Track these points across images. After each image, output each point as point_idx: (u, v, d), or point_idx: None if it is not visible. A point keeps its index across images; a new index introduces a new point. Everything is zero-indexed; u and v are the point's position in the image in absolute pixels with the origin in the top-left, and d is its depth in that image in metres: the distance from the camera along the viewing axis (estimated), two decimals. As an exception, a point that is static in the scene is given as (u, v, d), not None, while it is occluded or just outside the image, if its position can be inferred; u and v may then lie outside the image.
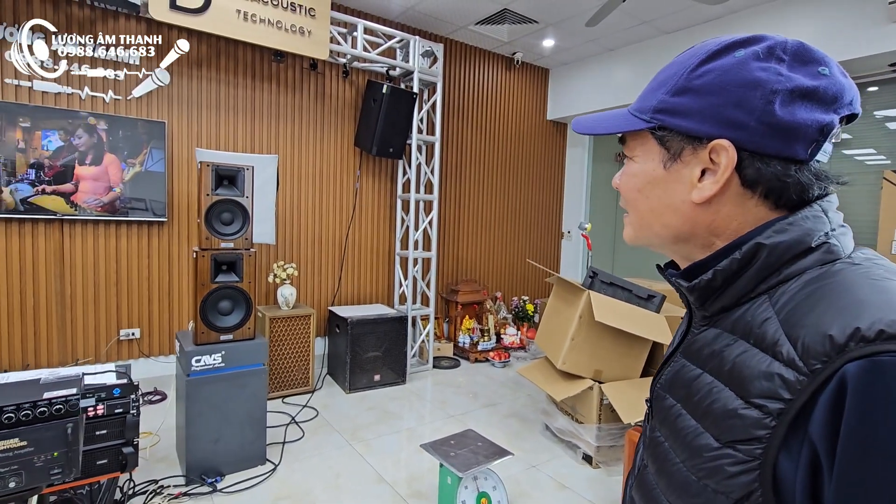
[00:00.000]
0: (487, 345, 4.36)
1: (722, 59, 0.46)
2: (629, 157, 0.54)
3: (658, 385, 0.56)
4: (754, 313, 0.45)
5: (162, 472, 2.30)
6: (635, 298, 2.61)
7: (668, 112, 0.49)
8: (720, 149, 0.46)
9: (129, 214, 3.14)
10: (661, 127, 0.49)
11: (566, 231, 5.64)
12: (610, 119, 0.55)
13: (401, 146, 3.85)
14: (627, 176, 0.55)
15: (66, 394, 0.97)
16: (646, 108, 0.51)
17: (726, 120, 0.45)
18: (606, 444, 2.50)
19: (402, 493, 2.25)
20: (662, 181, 0.51)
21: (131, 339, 3.27)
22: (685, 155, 0.48)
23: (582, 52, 4.75)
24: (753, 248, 0.45)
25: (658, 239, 0.54)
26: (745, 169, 0.46)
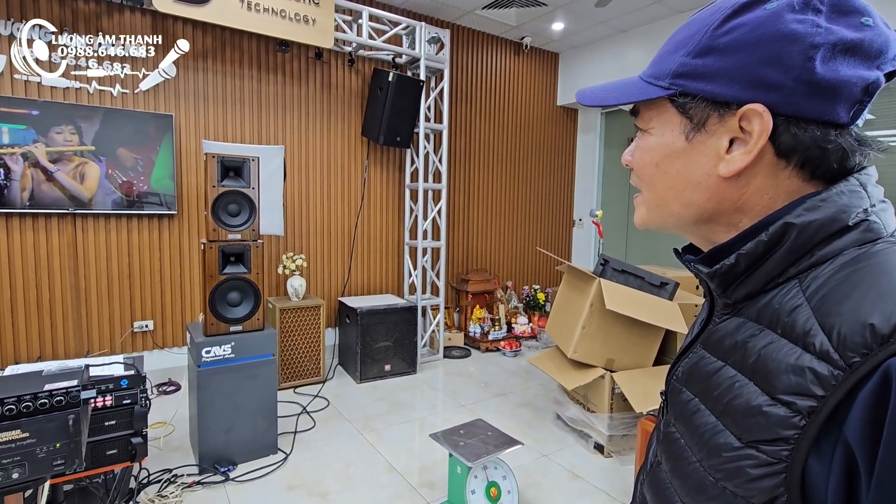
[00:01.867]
0: (498, 334, 4.34)
1: (752, 13, 0.41)
2: (643, 130, 0.49)
3: (674, 377, 0.52)
4: (782, 300, 0.40)
5: (176, 462, 2.33)
6: (648, 286, 2.56)
7: (689, 76, 0.43)
8: (753, 114, 0.40)
9: (144, 208, 3.16)
10: (682, 93, 0.44)
11: (577, 219, 5.56)
12: (620, 88, 0.50)
13: (408, 135, 3.81)
14: (642, 151, 0.49)
15: (67, 385, 0.97)
16: (662, 72, 0.46)
17: (759, 81, 0.40)
18: (618, 433, 2.46)
19: (413, 483, 2.25)
20: (684, 154, 0.45)
21: (145, 330, 3.31)
22: (710, 124, 0.43)
23: (592, 34, 4.63)
24: (782, 228, 0.41)
25: (676, 220, 0.49)
26: (780, 136, 0.40)
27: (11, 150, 2.79)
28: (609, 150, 5.31)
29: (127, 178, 3.10)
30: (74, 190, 2.96)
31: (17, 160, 2.81)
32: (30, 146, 2.83)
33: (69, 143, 2.92)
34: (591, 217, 3.47)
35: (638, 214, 0.53)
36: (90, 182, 3.00)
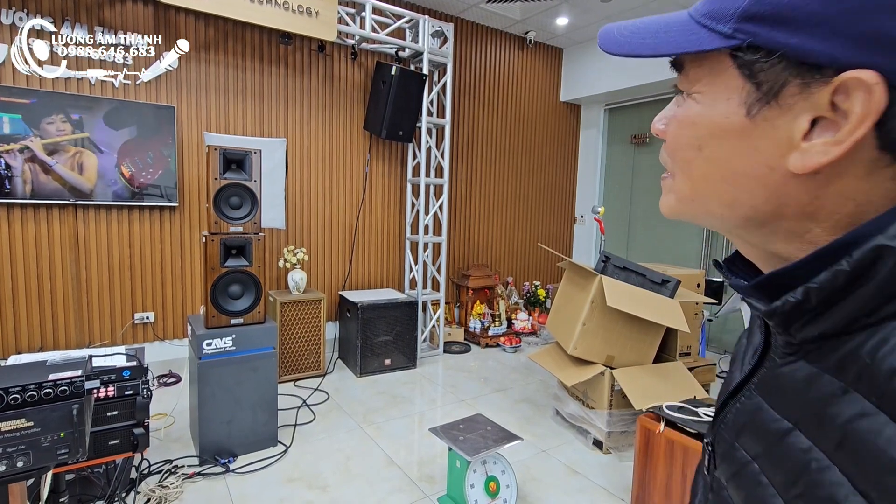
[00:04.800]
0: (498, 330, 4.35)
1: None
2: (686, 94, 0.36)
3: (722, 426, 0.41)
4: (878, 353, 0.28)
5: (177, 453, 2.34)
6: (649, 283, 2.56)
7: (767, 20, 0.30)
8: (857, 86, 0.28)
9: (145, 200, 3.16)
10: (753, 46, 0.31)
11: (579, 215, 5.55)
12: (659, 31, 0.36)
13: (410, 129, 3.80)
14: (680, 124, 0.37)
15: (71, 375, 0.97)
16: (725, 11, 0.32)
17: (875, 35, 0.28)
18: (617, 429, 2.47)
19: (412, 477, 2.26)
20: (740, 135, 0.33)
21: (146, 322, 3.32)
22: (787, 95, 0.31)
23: (597, 29, 4.58)
24: (872, 253, 0.29)
25: (716, 221, 0.38)
26: (891, 119, 0.28)
27: (8, 146, 2.77)
28: (611, 147, 5.30)
29: (130, 169, 3.09)
30: (74, 181, 2.96)
31: (15, 156, 2.80)
32: (26, 140, 2.81)
33: (62, 133, 2.90)
34: (592, 214, 3.47)
35: (665, 202, 0.41)
36: (89, 173, 2.99)
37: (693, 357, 2.84)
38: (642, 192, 4.98)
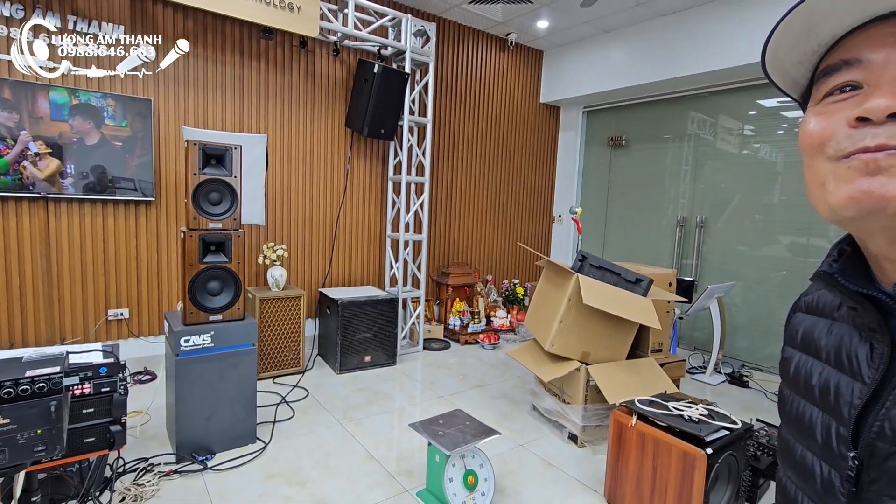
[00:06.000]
0: (477, 327, 4.40)
1: None
2: None
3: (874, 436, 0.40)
4: None
5: (152, 451, 2.31)
6: (623, 282, 2.64)
7: None
8: None
9: (117, 194, 3.10)
10: None
11: (557, 215, 5.65)
12: None
13: (392, 127, 3.81)
14: None
15: (49, 372, 0.97)
16: None
17: None
18: (592, 423, 2.55)
19: (392, 471, 2.29)
20: None
21: (120, 319, 3.25)
22: None
23: (577, 33, 4.69)
24: None
25: None
26: None
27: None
28: (590, 148, 5.40)
29: (99, 162, 3.03)
30: (37, 174, 2.88)
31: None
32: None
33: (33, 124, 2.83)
34: (570, 214, 3.54)
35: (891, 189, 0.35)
36: (55, 165, 2.92)
37: (664, 353, 2.94)
38: (619, 192, 5.10)
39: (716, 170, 4.31)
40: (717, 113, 4.27)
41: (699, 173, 4.42)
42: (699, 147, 4.41)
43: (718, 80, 4.05)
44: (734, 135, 4.19)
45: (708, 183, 4.36)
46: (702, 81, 4.13)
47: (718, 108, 4.25)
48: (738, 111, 4.14)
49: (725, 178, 4.24)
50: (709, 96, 4.28)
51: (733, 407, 3.09)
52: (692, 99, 4.40)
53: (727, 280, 3.93)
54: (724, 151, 4.25)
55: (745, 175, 4.10)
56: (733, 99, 4.13)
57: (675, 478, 1.83)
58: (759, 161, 4.02)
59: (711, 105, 4.29)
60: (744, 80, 3.93)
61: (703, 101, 4.34)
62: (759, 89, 3.93)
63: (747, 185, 4.08)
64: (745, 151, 4.12)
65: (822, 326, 0.49)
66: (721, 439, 1.81)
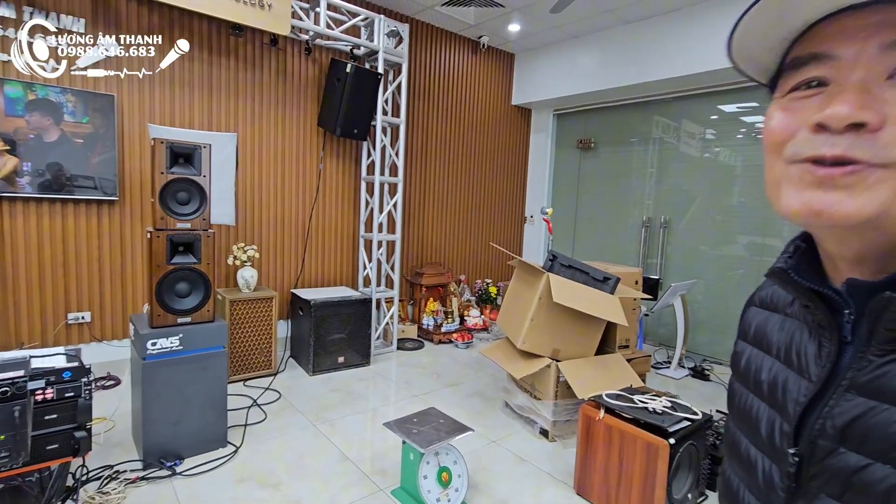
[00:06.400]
0: (451, 327, 4.43)
1: None
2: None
3: (816, 433, 0.39)
4: None
5: (117, 458, 2.25)
6: (592, 280, 2.72)
7: None
8: None
9: (75, 192, 2.98)
10: None
11: (529, 216, 5.75)
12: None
13: (365, 127, 3.80)
14: None
15: (13, 376, 0.94)
16: None
17: None
18: (562, 418, 2.62)
19: (366, 471, 2.30)
20: None
21: (81, 322, 3.13)
22: None
23: (547, 37, 4.79)
24: None
25: None
26: None
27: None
28: (560, 150, 5.52)
29: (60, 159, 2.91)
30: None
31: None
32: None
33: None
34: (541, 214, 3.62)
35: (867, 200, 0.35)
36: (12, 164, 2.79)
37: (631, 349, 3.05)
38: (587, 194, 5.23)
39: (679, 172, 4.48)
40: (680, 117, 4.44)
41: (663, 175, 4.58)
42: (663, 150, 4.57)
43: (681, 86, 4.21)
44: (696, 139, 4.36)
45: (671, 185, 4.52)
46: (665, 87, 4.29)
47: (681, 112, 4.42)
48: (700, 116, 4.32)
49: (688, 181, 4.42)
50: (672, 101, 4.44)
51: (695, 399, 3.23)
52: (657, 104, 4.55)
53: (690, 278, 4.09)
54: (687, 155, 4.42)
55: (706, 177, 4.28)
56: (696, 104, 4.31)
57: (639, 467, 1.91)
58: (720, 164, 4.20)
59: (675, 110, 4.46)
60: (706, 86, 4.10)
61: (667, 105, 4.50)
62: (720, 95, 4.11)
63: (708, 187, 4.26)
64: (707, 155, 4.30)
65: (774, 322, 0.50)
66: (683, 429, 1.90)
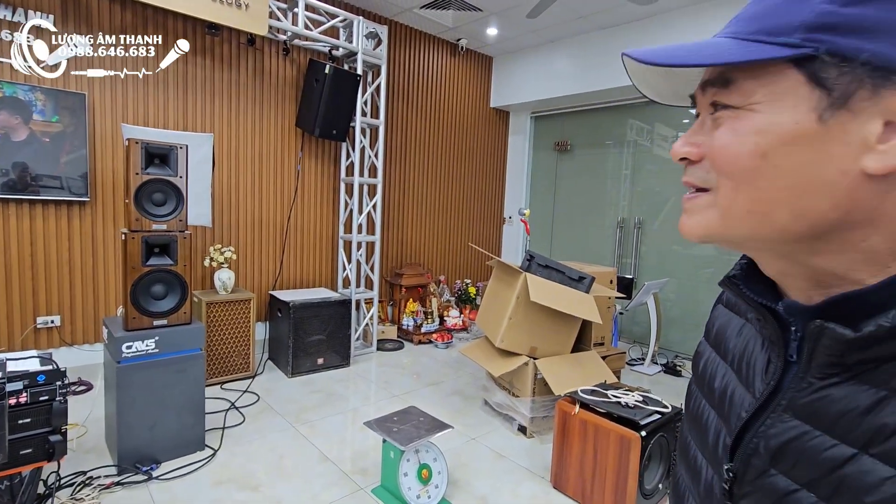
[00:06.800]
0: (431, 327, 4.46)
1: None
2: (735, 108, 0.36)
3: (751, 452, 0.39)
4: None
5: (91, 463, 2.21)
6: (568, 280, 2.79)
7: (837, 29, 0.31)
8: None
9: (41, 193, 2.90)
10: (831, 52, 0.32)
11: (508, 216, 5.82)
12: (705, 48, 0.36)
13: (344, 128, 3.80)
14: (740, 135, 0.36)
15: (-9, 377, 0.93)
16: (785, 26, 0.33)
17: None
18: (540, 415, 2.68)
19: (347, 470, 2.31)
20: (812, 141, 0.33)
21: (50, 326, 3.05)
22: (858, 99, 0.31)
23: (524, 41, 4.87)
24: None
25: (773, 234, 0.36)
26: None
27: None
28: (537, 152, 5.62)
29: (28, 159, 2.83)
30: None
31: None
32: None
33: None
34: (519, 215, 3.69)
35: (697, 222, 0.39)
36: (-15, 163, 2.71)
37: (606, 347, 3.13)
38: (564, 195, 5.33)
39: (652, 174, 4.62)
40: (653, 121, 4.58)
41: (637, 177, 4.71)
42: (637, 153, 4.70)
43: (653, 91, 4.34)
44: (669, 141, 4.51)
45: (645, 186, 4.66)
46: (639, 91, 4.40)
47: (654, 116, 4.56)
48: (672, 119, 4.46)
49: (661, 182, 4.56)
50: (646, 105, 4.58)
51: (667, 394, 3.32)
52: (631, 107, 4.68)
53: (663, 277, 4.22)
54: (660, 157, 4.56)
55: (678, 179, 4.36)
56: (668, 108, 4.45)
57: (613, 459, 1.98)
58: (690, 167, 4.34)
59: (648, 113, 4.60)
60: (675, 91, 4.23)
61: (640, 109, 4.64)
62: (688, 101, 4.25)
63: (680, 188, 4.36)
64: (678, 158, 4.44)
65: (734, 325, 0.49)
66: (654, 422, 1.98)
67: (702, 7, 3.80)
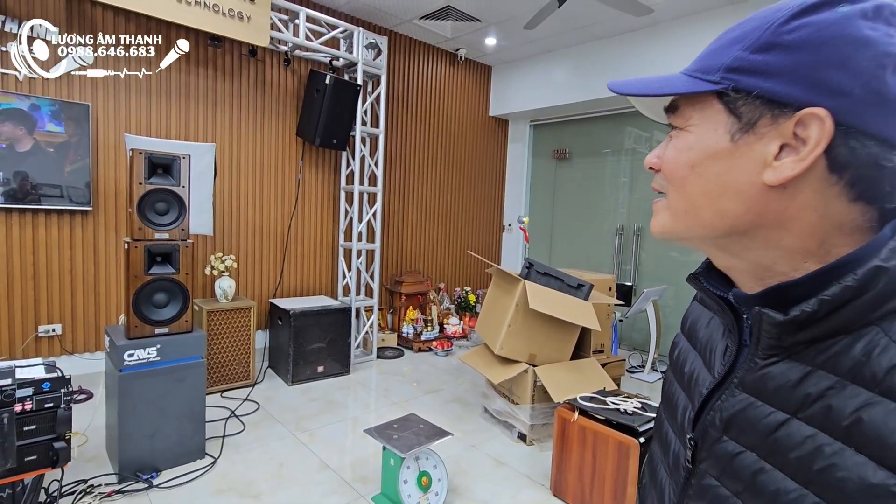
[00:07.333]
0: (431, 334, 4.48)
1: (821, 13, 0.38)
2: (680, 129, 0.46)
3: (708, 423, 0.46)
4: (869, 351, 0.36)
5: (91, 472, 2.21)
6: (566, 287, 2.81)
7: (746, 71, 0.40)
8: (812, 119, 0.37)
9: (42, 202, 2.92)
10: (736, 89, 0.40)
11: (507, 224, 5.86)
12: (661, 81, 0.46)
13: (344, 138, 3.84)
14: (677, 150, 0.45)
15: (1, 384, 0.95)
16: (713, 67, 0.42)
17: (824, 83, 0.37)
18: (539, 422, 2.69)
19: (347, 478, 2.32)
20: (726, 156, 0.41)
21: (52, 335, 3.06)
22: (761, 125, 0.40)
23: (522, 51, 4.93)
24: (872, 272, 0.36)
25: (705, 231, 0.44)
26: (836, 147, 0.37)
27: None
28: (537, 160, 5.66)
29: (33, 169, 2.86)
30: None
31: None
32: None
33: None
34: (518, 223, 3.71)
35: (658, 221, 0.48)
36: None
37: (606, 354, 3.15)
38: (563, 203, 5.37)
39: (651, 181, 4.64)
40: (651, 128, 4.63)
41: (636, 185, 4.75)
42: (636, 160, 4.74)
43: (650, 100, 4.39)
44: (665, 150, 4.54)
45: (643, 193, 4.69)
46: (636, 101, 4.45)
47: (652, 124, 4.61)
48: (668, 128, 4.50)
49: (658, 190, 4.58)
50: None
51: (667, 401, 3.34)
52: (628, 115, 4.73)
53: (661, 284, 4.24)
54: (657, 165, 4.59)
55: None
56: (663, 117, 4.49)
57: (611, 466, 1.99)
58: (687, 175, 4.38)
59: (646, 122, 4.64)
60: (672, 100, 4.28)
61: (638, 117, 4.68)
62: (685, 109, 4.29)
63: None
64: (675, 166, 4.47)
65: (704, 318, 0.57)
66: (652, 429, 1.99)
67: (695, 17, 3.86)
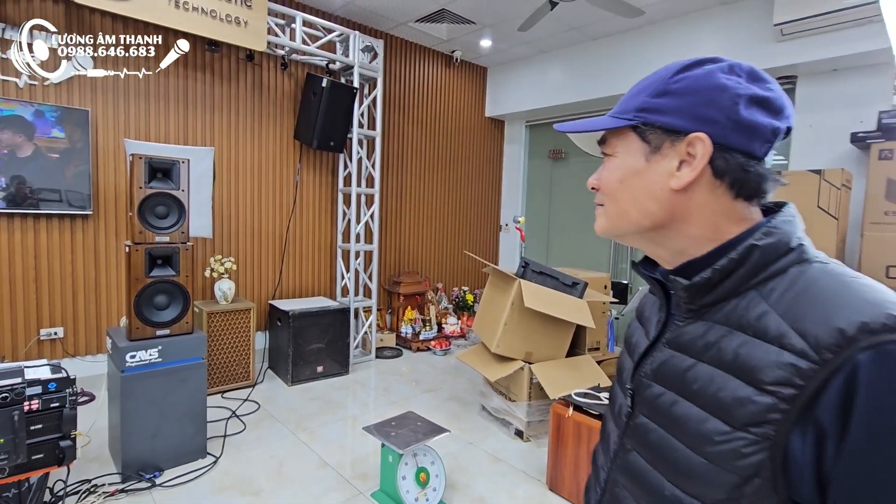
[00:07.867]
0: (429, 334, 4.52)
1: (694, 70, 0.54)
2: (609, 155, 0.60)
3: (641, 374, 0.60)
4: (747, 307, 0.50)
5: (95, 472, 2.25)
6: (561, 286, 2.86)
7: (650, 111, 0.55)
8: (697, 141, 0.52)
9: (41, 207, 2.95)
10: (644, 123, 0.55)
11: (504, 224, 5.90)
12: (594, 121, 0.61)
13: (341, 140, 3.88)
14: (609, 171, 0.60)
15: (12, 383, 0.99)
16: (628, 109, 0.57)
17: (701, 116, 0.52)
18: (536, 419, 2.73)
19: (346, 476, 2.36)
20: (643, 172, 0.56)
21: (54, 338, 3.10)
22: (664, 148, 0.54)
23: (517, 53, 4.97)
24: (748, 248, 0.51)
25: (634, 227, 0.58)
26: (715, 160, 0.52)
27: None
28: (532, 160, 5.71)
29: (34, 174, 2.90)
30: (-29, 186, 2.73)
31: None
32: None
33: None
34: (514, 223, 3.76)
35: (599, 224, 0.63)
36: (-10, 178, 2.77)
37: (602, 351, 3.19)
38: (559, 202, 5.42)
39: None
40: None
41: (630, 184, 4.78)
42: (629, 160, 4.78)
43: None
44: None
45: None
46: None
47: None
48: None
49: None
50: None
51: (662, 397, 3.38)
52: (622, 116, 4.77)
53: (656, 282, 4.28)
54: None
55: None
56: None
57: (606, 460, 2.02)
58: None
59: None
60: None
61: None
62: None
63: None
64: (669, 165, 4.52)
65: (651, 302, 0.70)
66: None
67: (686, 18, 3.91)
